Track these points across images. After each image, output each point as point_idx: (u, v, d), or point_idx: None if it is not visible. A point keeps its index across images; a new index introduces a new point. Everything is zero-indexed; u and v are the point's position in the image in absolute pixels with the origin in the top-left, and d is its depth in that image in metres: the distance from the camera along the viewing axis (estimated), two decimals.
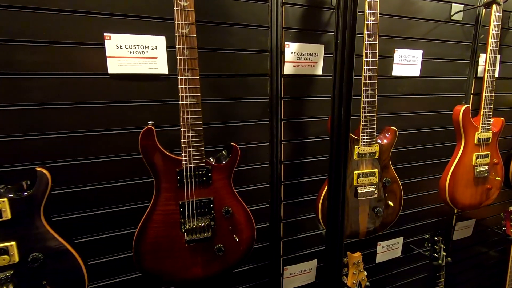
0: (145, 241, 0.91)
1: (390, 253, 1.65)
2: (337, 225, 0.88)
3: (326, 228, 0.92)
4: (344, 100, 0.79)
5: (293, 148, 1.29)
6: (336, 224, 0.88)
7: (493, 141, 1.46)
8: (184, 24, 0.84)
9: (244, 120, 1.19)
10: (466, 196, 1.46)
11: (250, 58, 1.15)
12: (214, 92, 1.12)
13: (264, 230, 1.31)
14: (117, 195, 1.03)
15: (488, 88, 1.40)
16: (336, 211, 0.87)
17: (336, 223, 0.88)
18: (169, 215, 0.91)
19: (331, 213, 0.88)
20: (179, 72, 0.85)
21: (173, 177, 0.90)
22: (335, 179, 0.85)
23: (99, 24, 0.93)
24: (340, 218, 0.87)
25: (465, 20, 1.52)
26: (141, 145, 0.86)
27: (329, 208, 0.88)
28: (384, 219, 1.27)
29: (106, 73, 0.95)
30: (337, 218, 0.87)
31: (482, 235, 1.97)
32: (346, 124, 0.81)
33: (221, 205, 0.96)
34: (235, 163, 0.96)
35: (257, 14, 1.12)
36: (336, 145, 0.82)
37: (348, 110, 0.79)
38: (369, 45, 1.10)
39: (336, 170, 0.84)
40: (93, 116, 0.97)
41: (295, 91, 1.24)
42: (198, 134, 0.89)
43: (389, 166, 1.23)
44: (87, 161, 0.98)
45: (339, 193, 0.85)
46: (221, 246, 0.97)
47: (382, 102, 1.42)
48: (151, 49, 0.99)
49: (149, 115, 1.03)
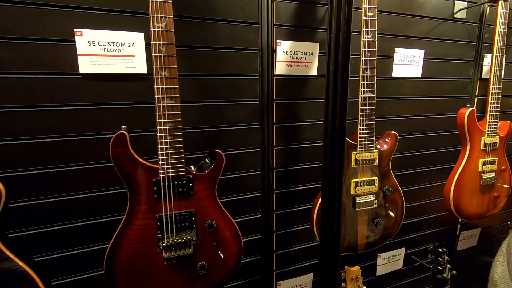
0: (118, 259, 0.81)
1: (391, 265, 1.55)
2: (332, 238, 0.79)
3: (320, 242, 0.82)
4: (339, 100, 0.70)
5: (286, 154, 1.20)
6: (331, 237, 0.79)
7: (500, 146, 1.37)
8: (159, 17, 0.75)
9: (233, 124, 1.10)
10: (472, 205, 1.36)
11: (238, 57, 1.06)
12: (199, 94, 1.03)
13: (255, 242, 1.22)
14: (88, 207, 0.94)
15: (495, 89, 1.31)
16: (331, 223, 0.78)
17: (331, 236, 0.79)
18: (145, 230, 0.82)
19: (325, 225, 0.79)
20: (155, 70, 0.77)
21: (150, 188, 0.81)
22: (330, 189, 0.75)
23: (68, 19, 0.84)
24: (336, 230, 0.78)
25: (469, 18, 1.43)
26: (113, 152, 0.77)
27: (323, 220, 0.79)
28: (384, 231, 1.17)
29: (77, 72, 0.86)
30: (332, 230, 0.78)
31: (488, 244, 1.87)
32: (341, 128, 0.72)
33: (204, 218, 0.87)
34: (219, 171, 0.87)
35: (246, 9, 1.04)
36: (330, 151, 0.73)
37: (344, 111, 0.70)
38: (367, 42, 1.02)
39: (330, 178, 0.75)
40: (62, 120, 0.87)
41: (288, 92, 1.15)
42: (177, 140, 0.80)
43: (389, 174, 1.14)
44: (53, 170, 0.89)
45: (334, 204, 0.76)
46: (204, 264, 0.88)
47: (382, 105, 1.33)
48: (128, 46, 0.90)
49: (126, 119, 0.94)
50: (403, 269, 1.60)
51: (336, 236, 0.77)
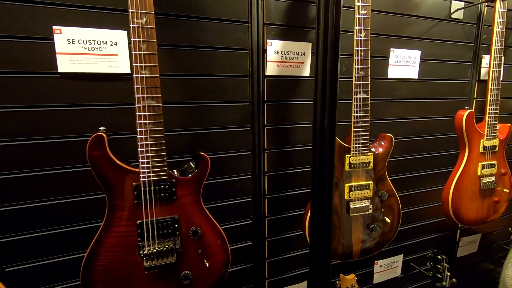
0: (96, 268, 0.77)
1: (388, 272, 1.50)
2: (322, 245, 0.74)
3: (310, 250, 0.78)
4: (328, 99, 0.66)
5: (278, 158, 1.15)
6: (321, 244, 0.74)
7: (500, 149, 1.33)
8: (140, 13, 0.71)
9: (222, 127, 1.06)
10: (472, 210, 1.32)
11: (227, 57, 1.02)
12: (186, 95, 0.99)
13: (246, 249, 1.17)
14: (64, 213, 0.89)
15: (494, 91, 1.28)
16: (321, 230, 0.73)
17: (321, 243, 0.74)
18: (124, 238, 0.78)
19: (314, 232, 0.74)
20: (135, 69, 0.73)
21: (129, 193, 0.76)
22: (319, 193, 0.71)
23: (46, 16, 0.80)
24: (326, 237, 0.74)
25: (466, 19, 1.40)
26: (89, 155, 0.73)
27: (312, 227, 0.74)
28: (380, 238, 1.13)
29: (56, 71, 0.82)
30: (322, 237, 0.73)
31: (489, 250, 1.82)
32: (330, 129, 0.68)
33: (188, 224, 0.82)
34: (204, 175, 0.83)
35: (235, 7, 1.00)
36: (319, 154, 0.69)
37: (333, 110, 0.67)
38: (360, 41, 0.98)
39: (319, 182, 0.70)
40: (38, 122, 0.83)
41: (280, 94, 1.12)
42: (159, 142, 0.76)
43: (385, 178, 1.10)
44: (27, 175, 0.84)
45: (324, 209, 0.72)
46: (189, 273, 0.83)
47: (377, 107, 1.29)
48: (110, 45, 0.87)
49: (109, 121, 0.90)
50: (401, 277, 1.55)
51: (326, 243, 0.73)
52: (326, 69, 0.65)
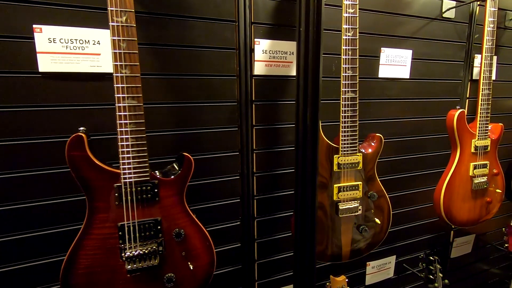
0: (76, 271, 0.75)
1: (381, 274, 1.49)
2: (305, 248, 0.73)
3: (294, 252, 0.76)
4: (310, 98, 0.64)
5: (266, 158, 1.14)
6: (304, 247, 0.73)
7: (492, 149, 1.32)
8: (119, 11, 0.70)
9: (209, 127, 1.04)
10: (464, 211, 1.31)
11: (214, 56, 1.01)
12: (172, 94, 0.98)
13: (235, 251, 1.15)
14: (43, 215, 0.87)
15: (485, 90, 1.27)
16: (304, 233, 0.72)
17: (304, 246, 0.73)
18: (105, 240, 0.76)
19: (298, 235, 0.73)
20: (115, 68, 0.71)
21: (110, 194, 0.75)
22: (302, 195, 0.70)
23: (27, 14, 0.79)
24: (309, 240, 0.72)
25: (458, 18, 1.39)
26: (68, 155, 0.71)
27: (296, 230, 0.73)
28: (370, 239, 1.11)
29: (37, 71, 0.81)
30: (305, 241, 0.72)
31: (483, 251, 1.81)
32: (313, 129, 0.66)
33: (171, 226, 0.81)
34: (187, 176, 0.81)
35: (222, 6, 0.99)
36: (302, 155, 0.68)
37: (315, 110, 0.65)
38: (348, 40, 0.97)
39: (302, 184, 0.69)
40: (18, 122, 0.82)
41: (268, 93, 1.10)
42: (140, 143, 0.75)
43: (374, 178, 1.08)
44: (6, 176, 0.83)
45: (307, 212, 0.70)
46: (172, 276, 0.82)
47: (368, 107, 1.28)
48: (93, 44, 0.85)
49: (91, 121, 0.88)
50: (394, 278, 1.53)
51: (310, 246, 0.71)
52: (308, 68, 0.63)
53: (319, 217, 1.03)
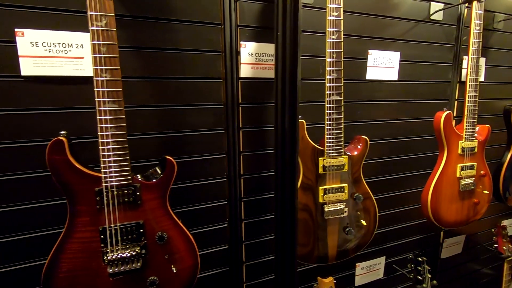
0: (58, 275, 0.75)
1: (371, 275, 1.49)
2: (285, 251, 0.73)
3: (275, 255, 0.77)
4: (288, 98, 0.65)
5: (254, 160, 1.14)
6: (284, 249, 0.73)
7: (479, 151, 1.32)
8: (99, 15, 0.70)
9: (195, 130, 1.05)
10: (451, 212, 1.31)
11: (200, 59, 1.01)
12: (157, 98, 0.98)
13: (222, 253, 1.16)
14: (23, 220, 0.87)
15: (472, 92, 1.27)
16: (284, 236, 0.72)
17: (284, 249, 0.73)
18: (87, 244, 0.76)
19: (278, 238, 0.73)
20: (95, 72, 0.71)
21: (91, 198, 0.75)
22: (281, 197, 0.70)
23: (8, 18, 0.79)
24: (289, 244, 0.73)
25: (446, 20, 1.40)
26: (49, 159, 0.71)
27: (276, 233, 0.73)
28: (356, 240, 1.12)
29: (19, 75, 0.81)
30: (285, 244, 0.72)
31: (473, 252, 1.82)
32: (291, 131, 0.67)
33: (154, 229, 0.81)
34: (170, 179, 0.82)
35: (207, 9, 0.99)
36: (281, 157, 0.68)
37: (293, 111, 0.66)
38: (332, 43, 0.97)
39: (282, 186, 0.69)
40: (2, 125, 0.82)
41: (255, 96, 1.11)
42: (121, 147, 0.75)
43: (360, 180, 1.09)
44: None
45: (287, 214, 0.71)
46: (155, 279, 0.82)
47: (355, 109, 1.29)
48: (76, 47, 0.85)
49: (74, 125, 0.88)
50: (384, 279, 1.54)
51: (290, 249, 0.72)
52: (285, 71, 0.64)
53: (304, 219, 1.04)
